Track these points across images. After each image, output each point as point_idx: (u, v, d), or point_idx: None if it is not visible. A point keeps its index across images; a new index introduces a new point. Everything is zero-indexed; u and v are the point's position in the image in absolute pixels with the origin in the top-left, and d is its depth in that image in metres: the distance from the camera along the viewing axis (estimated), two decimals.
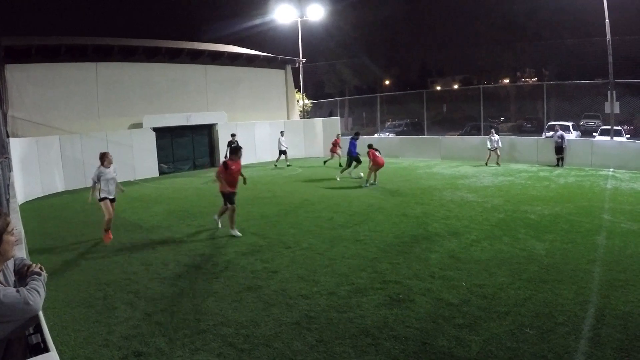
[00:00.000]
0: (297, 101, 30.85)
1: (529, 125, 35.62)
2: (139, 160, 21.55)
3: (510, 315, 5.68)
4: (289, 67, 29.88)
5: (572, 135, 26.18)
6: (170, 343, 5.25)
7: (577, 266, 7.40)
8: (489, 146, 21.24)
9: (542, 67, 54.22)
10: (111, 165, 9.84)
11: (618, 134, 23.91)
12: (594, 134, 26.43)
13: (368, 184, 16.36)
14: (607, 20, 20.79)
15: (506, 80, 56.85)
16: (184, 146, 24.00)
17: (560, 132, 20.70)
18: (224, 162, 10.18)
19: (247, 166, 22.92)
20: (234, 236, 9.88)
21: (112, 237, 9.97)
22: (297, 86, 31.14)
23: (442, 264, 7.70)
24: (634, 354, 4.79)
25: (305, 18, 31.94)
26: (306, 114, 31.82)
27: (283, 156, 23.54)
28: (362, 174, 17.69)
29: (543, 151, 21.33)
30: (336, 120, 29.71)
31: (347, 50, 51.39)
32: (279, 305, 6.19)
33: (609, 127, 22.54)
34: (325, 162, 23.51)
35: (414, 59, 63.30)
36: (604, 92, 22.27)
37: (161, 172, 22.43)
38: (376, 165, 16.23)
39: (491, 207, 12.13)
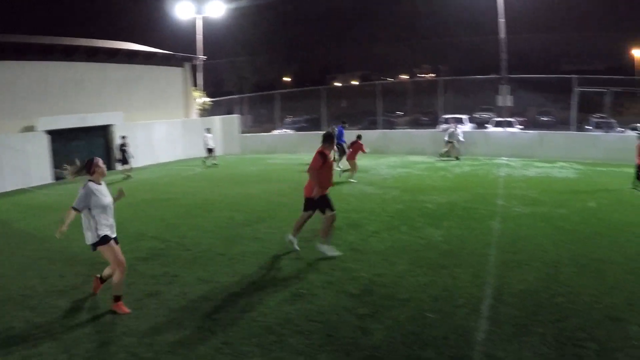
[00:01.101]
0: (196, 99, 30.76)
1: (426, 119, 37.93)
2: (33, 165, 20.55)
3: (411, 302, 6.25)
4: (187, 65, 30.16)
5: (466, 127, 28.47)
6: (71, 359, 5.18)
7: (473, 250, 8.32)
8: (446, 138, 22.48)
9: (438, 63, 58.68)
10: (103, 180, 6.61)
11: (511, 125, 26.49)
12: (487, 125, 28.84)
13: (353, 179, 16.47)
14: (501, 20, 23.16)
15: (404, 76, 60.59)
16: (80, 149, 22.92)
17: (451, 125, 22.72)
18: (321, 152, 8.31)
19: (145, 168, 22.37)
20: (331, 256, 8.19)
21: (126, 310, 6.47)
22: (196, 84, 31.21)
23: (342, 256, 8.18)
24: (531, 328, 5.55)
25: (204, 15, 32.66)
26: (205, 112, 31.72)
27: (210, 154, 23.31)
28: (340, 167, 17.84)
29: (439, 143, 22.89)
30: (235, 118, 30.30)
31: (247, 48, 52.26)
32: (182, 309, 6.27)
33: (502, 120, 24.90)
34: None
35: (314, 56, 65.80)
36: (497, 86, 24.49)
37: (57, 178, 21.20)
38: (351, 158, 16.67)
39: (390, 198, 12.94)
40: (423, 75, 61.12)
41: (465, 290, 6.55)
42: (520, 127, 28.95)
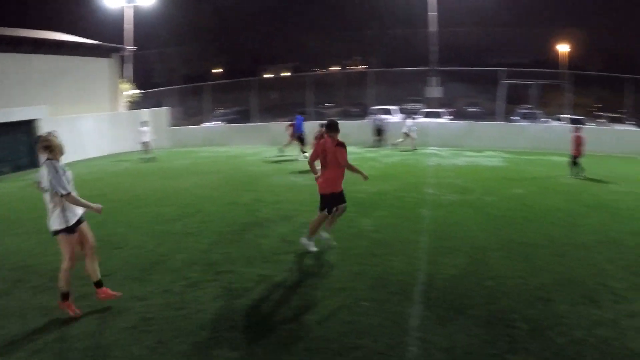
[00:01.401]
0: (124, 92, 29.80)
1: (356, 110, 38.47)
2: None
3: (345, 291, 6.35)
4: (115, 56, 29.00)
5: (395, 118, 29.21)
6: None
7: (405, 238, 8.58)
8: (404, 130, 22.67)
9: (369, 55, 59.86)
10: None
11: (440, 116, 27.47)
12: (416, 116, 29.69)
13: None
14: (431, 13, 23.95)
15: (335, 68, 61.38)
16: (3, 146, 21.65)
17: (378, 116, 23.33)
18: (341, 143, 7.98)
19: (73, 163, 21.38)
20: (310, 251, 7.96)
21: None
22: (124, 76, 30.22)
23: (274, 248, 8.19)
24: (463, 311, 5.80)
25: (134, 4, 31.68)
26: (134, 105, 30.78)
27: (145, 147, 22.52)
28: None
29: (369, 134, 23.32)
30: (164, 111, 29.71)
31: (177, 38, 51.68)
32: (114, 310, 6.07)
33: (432, 110, 25.75)
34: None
35: (245, 47, 65.37)
36: (427, 78, 25.26)
37: None
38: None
39: (315, 189, 12.99)
40: (354, 67, 62.14)
41: (398, 277, 6.73)
42: (449, 117, 30.06)
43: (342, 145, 7.86)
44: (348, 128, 24.43)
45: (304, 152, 19.48)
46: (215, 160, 19.60)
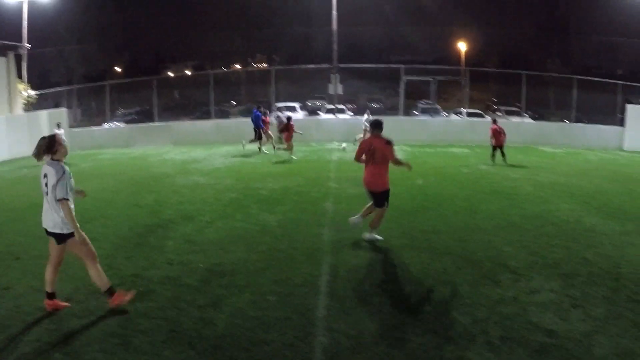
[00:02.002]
0: (21, 93, 27.89)
1: (260, 108, 38.66)
2: None
3: (250, 287, 6.36)
4: (11, 55, 26.83)
5: (299, 115, 29.66)
6: None
7: (308, 231, 8.75)
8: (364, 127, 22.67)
9: (272, 53, 59.93)
10: None
11: (342, 112, 28.10)
12: (319, 112, 30.26)
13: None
14: (334, 12, 24.43)
15: (238, 66, 60.92)
16: None
17: (277, 113, 23.63)
18: (388, 142, 8.23)
19: None
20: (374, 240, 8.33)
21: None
22: (21, 76, 28.26)
23: (178, 249, 8.07)
24: (368, 299, 6.01)
25: None
26: (30, 106, 28.92)
27: None
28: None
29: (271, 131, 23.37)
30: (63, 112, 28.02)
31: (76, 35, 49.06)
32: (17, 324, 5.72)
33: (334, 107, 26.29)
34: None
35: (146, 45, 63.99)
36: (329, 75, 25.71)
37: None
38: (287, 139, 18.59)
39: (223, 187, 12.99)
40: (257, 65, 62.14)
41: (303, 271, 6.83)
42: (351, 113, 30.89)
43: (390, 143, 8.20)
44: (251, 126, 24.44)
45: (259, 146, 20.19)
46: (117, 162, 18.95)
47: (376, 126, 8.54)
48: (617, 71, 54.56)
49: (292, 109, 30.73)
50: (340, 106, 29.43)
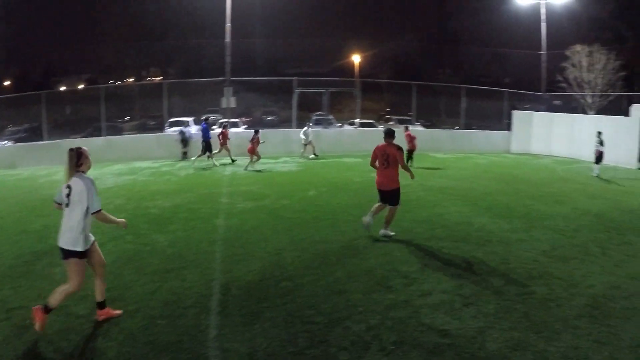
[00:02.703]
0: None
1: (153, 123, 37.51)
2: None
3: (140, 312, 6.13)
4: None
5: (192, 130, 29.18)
6: None
7: (199, 250, 8.57)
8: (303, 141, 23.15)
9: (167, 66, 58.37)
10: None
11: (236, 125, 28.04)
12: (214, 127, 29.96)
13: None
14: (227, 24, 24.28)
15: (131, 79, 58.84)
16: None
17: (181, 128, 23.34)
18: (400, 147, 9.47)
19: None
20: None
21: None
22: None
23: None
24: (260, 314, 5.96)
25: None
26: None
27: None
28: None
29: (165, 147, 22.84)
30: None
31: None
32: None
33: (227, 120, 26.13)
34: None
35: (37, 58, 59.83)
36: (223, 88, 25.49)
37: None
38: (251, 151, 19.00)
39: (114, 208, 12.41)
40: (151, 78, 60.43)
41: (194, 290, 6.68)
42: (245, 126, 30.87)
43: (400, 149, 9.44)
44: (145, 142, 23.77)
45: (209, 157, 20.06)
46: (3, 184, 17.63)
47: (389, 135, 9.54)
48: (504, 80, 58.23)
49: (185, 124, 30.19)
50: (234, 120, 29.29)
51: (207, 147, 20.36)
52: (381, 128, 31.14)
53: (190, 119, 31.58)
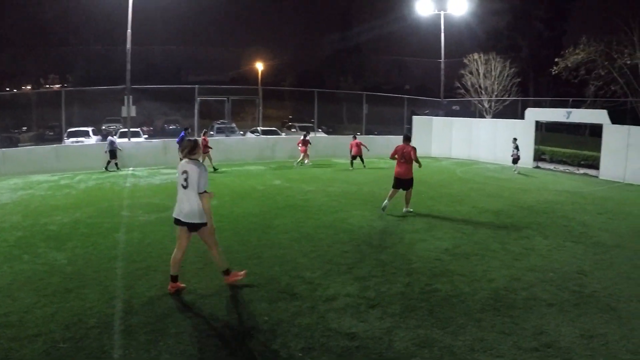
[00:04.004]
0: None
1: (51, 133, 35.58)
2: None
3: (41, 336, 5.80)
4: None
5: (92, 140, 28.00)
6: None
7: (99, 267, 8.21)
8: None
9: (66, 72, 55.28)
10: None
11: (137, 135, 27.13)
12: (114, 137, 28.86)
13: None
14: (128, 31, 23.45)
15: (28, 87, 55.28)
16: None
17: (110, 138, 22.00)
18: (414, 148, 12.56)
19: None
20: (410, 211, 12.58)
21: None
22: None
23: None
24: (165, 330, 5.85)
25: None
26: None
27: None
28: None
29: (64, 159, 21.64)
30: None
31: None
32: None
33: (128, 130, 25.25)
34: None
35: None
36: (123, 97, 24.58)
37: None
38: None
39: (9, 226, 11.62)
40: (49, 86, 56.99)
41: (96, 310, 6.43)
42: (146, 136, 30.04)
43: (414, 149, 12.46)
44: (42, 153, 22.30)
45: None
46: None
47: (407, 139, 12.82)
48: (405, 86, 60.38)
49: (85, 134, 28.97)
50: (135, 129, 28.39)
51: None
52: (284, 135, 31.59)
53: (90, 129, 30.33)
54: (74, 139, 27.35)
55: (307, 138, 23.30)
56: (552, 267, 8.33)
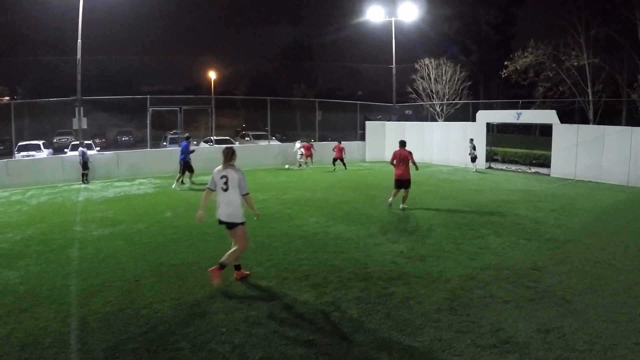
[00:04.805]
0: None
1: (1, 147, 34.38)
2: None
3: None
4: None
5: (43, 154, 27.18)
6: None
7: (53, 284, 7.94)
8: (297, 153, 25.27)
9: (16, 84, 53.40)
10: None
11: (90, 147, 26.55)
12: (66, 150, 28.10)
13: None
14: (78, 40, 22.92)
15: None
16: None
17: (81, 149, 21.38)
18: (410, 152, 13.99)
19: None
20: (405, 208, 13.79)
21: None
22: None
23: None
24: (121, 347, 5.72)
25: None
26: None
27: None
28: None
29: (14, 174, 20.83)
30: None
31: None
32: None
33: (77, 142, 24.53)
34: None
35: None
36: (74, 108, 23.95)
37: None
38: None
39: None
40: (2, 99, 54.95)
41: (51, 329, 6.23)
42: (98, 148, 29.34)
43: (411, 153, 13.87)
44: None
45: (182, 180, 19.16)
46: None
47: (403, 144, 14.02)
48: (357, 92, 60.83)
49: (37, 148, 28.10)
50: (87, 142, 27.64)
51: (185, 167, 18.96)
52: (237, 144, 31.40)
53: (41, 142, 29.41)
54: (25, 153, 26.43)
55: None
56: (507, 264, 8.58)
